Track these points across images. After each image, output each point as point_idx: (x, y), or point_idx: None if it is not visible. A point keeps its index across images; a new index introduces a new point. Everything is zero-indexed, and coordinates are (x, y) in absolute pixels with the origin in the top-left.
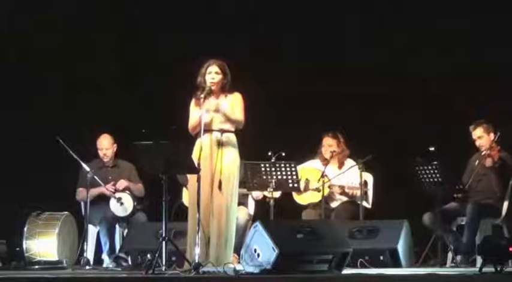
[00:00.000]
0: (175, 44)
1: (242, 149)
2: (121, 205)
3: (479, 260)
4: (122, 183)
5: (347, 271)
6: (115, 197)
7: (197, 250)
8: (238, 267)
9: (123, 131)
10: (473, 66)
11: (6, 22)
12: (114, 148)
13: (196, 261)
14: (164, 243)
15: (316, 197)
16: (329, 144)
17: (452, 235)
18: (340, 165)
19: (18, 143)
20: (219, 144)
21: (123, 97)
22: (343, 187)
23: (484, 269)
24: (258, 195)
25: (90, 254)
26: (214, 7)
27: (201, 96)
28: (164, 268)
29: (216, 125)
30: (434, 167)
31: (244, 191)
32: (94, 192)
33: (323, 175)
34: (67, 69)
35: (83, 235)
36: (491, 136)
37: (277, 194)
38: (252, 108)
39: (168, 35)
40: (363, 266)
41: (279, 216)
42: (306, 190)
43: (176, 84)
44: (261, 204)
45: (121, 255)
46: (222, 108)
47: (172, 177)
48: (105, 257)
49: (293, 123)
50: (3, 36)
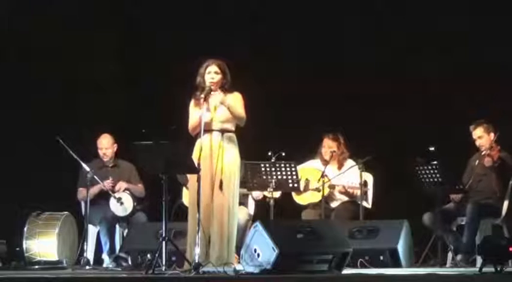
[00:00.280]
0: (175, 44)
1: (242, 149)
2: (121, 205)
3: (479, 260)
4: (121, 186)
5: (347, 271)
6: (115, 196)
7: (197, 250)
8: (238, 267)
9: (123, 131)
10: (473, 66)
11: (6, 22)
12: (114, 148)
13: (196, 261)
14: (164, 243)
15: (316, 197)
16: (329, 146)
17: (452, 235)
18: (340, 166)
19: (18, 143)
20: (220, 145)
21: (123, 97)
22: (344, 187)
23: (484, 269)
24: (258, 195)
25: (90, 254)
26: (214, 7)
27: (201, 96)
28: (164, 268)
29: (216, 125)
30: (434, 167)
31: (244, 191)
32: (94, 190)
33: (323, 175)
34: (67, 69)
35: (83, 235)
36: (491, 136)
37: (277, 194)
38: (252, 108)
39: (168, 35)
40: (363, 266)
41: (279, 216)
42: (306, 190)
43: (176, 84)
44: (261, 204)
45: (121, 255)
46: (226, 100)
47: (172, 177)
48: (105, 257)
49: (293, 123)
50: (3, 36)
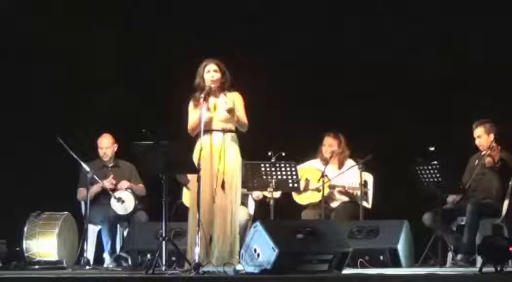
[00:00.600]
0: (175, 44)
1: (242, 148)
2: (122, 203)
3: (479, 260)
4: (124, 185)
5: (347, 271)
6: (115, 196)
7: (197, 250)
8: (238, 267)
9: (123, 131)
10: (473, 66)
11: (6, 22)
12: (115, 147)
13: (196, 261)
14: (164, 243)
15: (316, 197)
16: (329, 144)
17: (452, 235)
18: (340, 166)
19: (18, 143)
20: (222, 144)
21: (123, 97)
22: (344, 187)
23: (484, 269)
24: (258, 195)
25: (90, 254)
26: (214, 7)
27: (201, 96)
28: (164, 268)
29: (217, 125)
30: (434, 167)
31: (244, 191)
32: (95, 189)
33: (323, 175)
34: (67, 69)
35: (83, 235)
36: (491, 137)
37: (277, 194)
38: (251, 108)
39: (168, 35)
40: (363, 266)
41: (279, 216)
42: (306, 190)
43: (176, 84)
44: (261, 204)
45: (122, 254)
46: (233, 109)
47: (173, 177)
48: (106, 256)
49: (293, 123)
50: (3, 36)
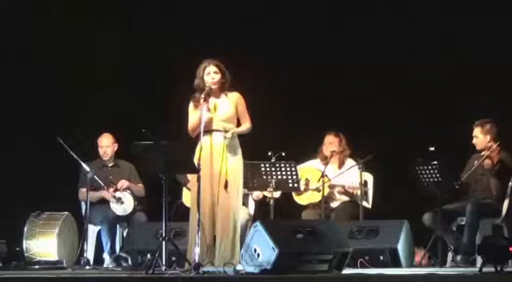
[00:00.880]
0: (175, 44)
1: (242, 149)
2: (121, 204)
3: (479, 260)
4: (123, 184)
5: (347, 271)
6: (115, 196)
7: (197, 250)
8: (238, 267)
9: (123, 131)
10: (473, 66)
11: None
12: (115, 147)
13: (197, 261)
14: (164, 243)
15: (316, 197)
16: (330, 142)
17: (452, 235)
18: (341, 165)
19: (18, 143)
20: (224, 145)
21: (123, 97)
22: (344, 186)
23: (484, 269)
24: (258, 195)
25: (90, 254)
26: (214, 7)
27: (201, 96)
28: (164, 268)
29: (218, 125)
30: (434, 167)
31: (245, 191)
32: (95, 195)
33: (323, 175)
34: (67, 69)
35: (83, 235)
36: (487, 138)
37: (277, 194)
38: (251, 109)
39: (168, 35)
40: (363, 266)
41: (279, 216)
42: (306, 190)
43: (176, 84)
44: (261, 204)
45: (122, 254)
46: (230, 133)
47: (172, 177)
48: (106, 256)
49: (293, 123)
50: (3, 36)
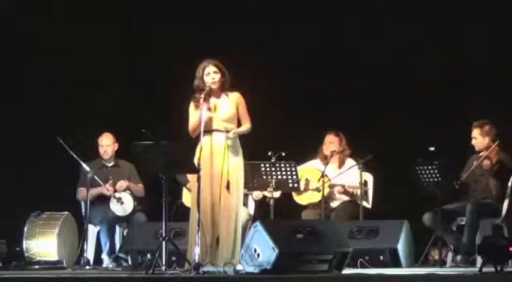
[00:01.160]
0: (175, 44)
1: (242, 149)
2: (121, 205)
3: (479, 260)
4: (122, 185)
5: (347, 271)
6: (115, 196)
7: (197, 250)
8: (238, 267)
9: (123, 131)
10: (473, 66)
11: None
12: (115, 147)
13: (197, 261)
14: (164, 243)
15: (316, 197)
16: (330, 142)
17: (452, 235)
18: (341, 165)
19: (18, 143)
20: (225, 145)
21: (123, 97)
22: (344, 186)
23: (484, 269)
24: (258, 195)
25: (90, 254)
26: (214, 7)
27: (201, 96)
28: (164, 268)
29: (218, 125)
30: (434, 167)
31: (245, 191)
32: (94, 192)
33: (323, 175)
34: (67, 69)
35: (83, 235)
36: (486, 140)
37: (277, 194)
38: (251, 109)
39: (168, 35)
40: (363, 266)
41: (279, 216)
42: (306, 190)
43: (176, 84)
44: (261, 204)
45: (121, 255)
46: (232, 133)
47: (172, 177)
48: (105, 257)
49: (293, 123)
50: (3, 36)
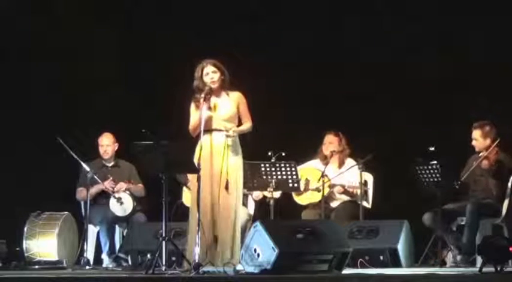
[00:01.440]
0: (175, 44)
1: (242, 149)
2: (121, 205)
3: (479, 260)
4: (121, 187)
5: (347, 271)
6: (115, 196)
7: (197, 250)
8: (238, 267)
9: (123, 131)
10: (473, 66)
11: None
12: (115, 147)
13: (197, 261)
14: (164, 243)
15: (316, 197)
16: (330, 142)
17: (452, 235)
18: (341, 164)
19: (18, 143)
20: (225, 144)
21: (123, 97)
22: (344, 186)
23: (484, 269)
24: (258, 195)
25: (90, 254)
26: (215, 7)
27: (201, 96)
28: (164, 268)
29: (218, 124)
30: (434, 167)
31: (244, 191)
32: (93, 190)
33: (323, 175)
34: (67, 69)
35: (83, 235)
36: (487, 141)
37: (277, 194)
38: (251, 109)
39: (168, 35)
40: (363, 266)
41: (279, 216)
42: (306, 190)
43: (176, 84)
44: (261, 204)
45: (120, 255)
46: (232, 131)
47: (172, 177)
48: (104, 257)
49: (293, 123)
50: (3, 36)
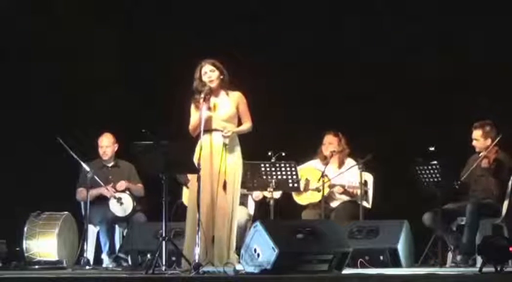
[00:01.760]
0: (175, 44)
1: (242, 148)
2: (121, 205)
3: (479, 260)
4: (122, 185)
5: (347, 271)
6: (115, 196)
7: (197, 250)
8: (238, 267)
9: (123, 131)
10: (473, 66)
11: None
12: (115, 147)
13: (197, 261)
14: (164, 243)
15: (316, 197)
16: (330, 142)
17: (452, 235)
18: (340, 164)
19: (18, 143)
20: (224, 144)
21: (123, 97)
22: (344, 186)
23: (484, 269)
24: (258, 195)
25: (90, 254)
26: (215, 7)
27: (201, 96)
28: (164, 268)
29: (218, 124)
30: (434, 167)
31: (244, 191)
32: (94, 192)
33: (323, 175)
34: (67, 69)
35: (83, 235)
36: (488, 141)
37: (277, 194)
38: (251, 109)
39: (168, 35)
40: (363, 266)
41: (279, 216)
42: (306, 190)
43: (176, 84)
44: (261, 204)
45: (120, 255)
46: (226, 131)
47: (173, 177)
48: (104, 257)
49: (293, 123)
50: (3, 36)
